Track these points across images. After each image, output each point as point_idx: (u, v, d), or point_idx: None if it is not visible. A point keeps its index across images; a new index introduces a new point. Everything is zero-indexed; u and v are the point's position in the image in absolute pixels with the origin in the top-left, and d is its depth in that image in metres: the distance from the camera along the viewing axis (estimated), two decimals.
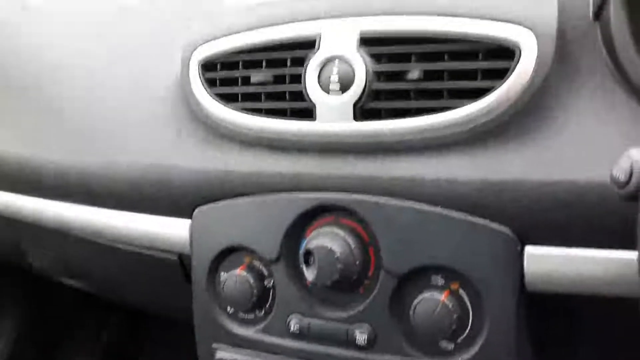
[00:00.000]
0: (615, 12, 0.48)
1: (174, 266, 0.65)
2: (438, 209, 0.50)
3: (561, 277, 0.48)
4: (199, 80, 0.58)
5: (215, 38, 0.58)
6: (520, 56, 0.47)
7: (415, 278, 0.51)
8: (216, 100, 0.57)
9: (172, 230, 0.62)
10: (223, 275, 0.59)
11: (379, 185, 0.52)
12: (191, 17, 0.63)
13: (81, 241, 0.70)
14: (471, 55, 0.49)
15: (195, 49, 0.59)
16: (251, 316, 0.59)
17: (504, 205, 0.48)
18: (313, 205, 0.54)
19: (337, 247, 0.51)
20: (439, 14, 0.50)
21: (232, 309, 0.60)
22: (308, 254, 0.52)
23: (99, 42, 0.71)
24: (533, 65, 0.47)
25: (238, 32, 0.56)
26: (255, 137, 0.56)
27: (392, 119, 0.51)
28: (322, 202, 0.54)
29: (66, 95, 0.70)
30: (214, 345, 0.61)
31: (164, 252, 0.64)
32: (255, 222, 0.57)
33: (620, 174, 0.33)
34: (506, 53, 0.48)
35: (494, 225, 0.48)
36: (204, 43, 0.58)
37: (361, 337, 0.53)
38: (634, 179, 0.32)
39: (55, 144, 0.68)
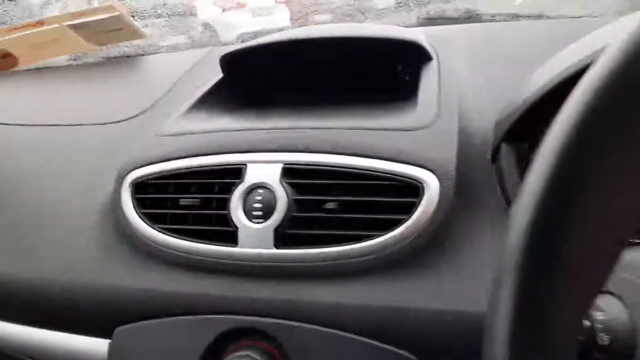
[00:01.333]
0: (506, 158, 0.54)
1: None
2: (351, 335, 0.51)
3: None
4: (130, 200, 0.60)
5: (149, 163, 0.61)
6: (424, 193, 0.52)
7: None
8: (144, 219, 0.59)
9: (91, 349, 0.60)
10: None
11: (296, 311, 0.53)
12: (129, 140, 0.66)
13: None
14: (382, 191, 0.53)
15: (129, 172, 0.61)
16: None
17: (408, 332, 0.50)
18: (231, 328, 0.54)
19: None
20: (353, 155, 0.54)
21: None
22: None
23: (33, 156, 0.73)
24: (436, 202, 0.51)
25: (170, 158, 0.60)
26: (179, 259, 0.57)
27: (310, 246, 0.53)
28: (240, 325, 0.54)
29: None
30: None
31: None
32: (174, 344, 0.56)
33: None
34: (412, 190, 0.52)
35: (401, 352, 0.50)
36: (138, 167, 0.61)
37: None
38: None
39: None
